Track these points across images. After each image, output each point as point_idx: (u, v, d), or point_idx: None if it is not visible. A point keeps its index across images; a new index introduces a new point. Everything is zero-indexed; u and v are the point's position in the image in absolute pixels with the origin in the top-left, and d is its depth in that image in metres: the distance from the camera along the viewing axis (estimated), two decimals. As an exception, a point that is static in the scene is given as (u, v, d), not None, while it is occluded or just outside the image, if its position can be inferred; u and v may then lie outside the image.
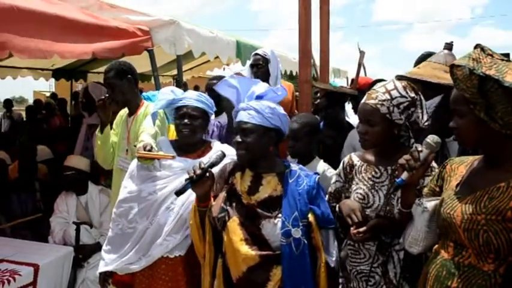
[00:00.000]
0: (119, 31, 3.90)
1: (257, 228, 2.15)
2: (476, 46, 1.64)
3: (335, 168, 2.64)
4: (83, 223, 3.74)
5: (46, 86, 18.83)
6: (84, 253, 3.71)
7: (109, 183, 4.15)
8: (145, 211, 2.49)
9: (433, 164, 2.10)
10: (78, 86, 10.13)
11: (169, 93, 2.58)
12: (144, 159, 2.47)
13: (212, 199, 2.28)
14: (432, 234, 1.81)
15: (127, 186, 2.60)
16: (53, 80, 9.84)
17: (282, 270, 2.10)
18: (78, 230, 3.69)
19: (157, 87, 4.29)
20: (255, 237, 2.15)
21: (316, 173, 2.28)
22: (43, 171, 5.21)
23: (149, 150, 2.46)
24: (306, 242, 2.09)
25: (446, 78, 2.62)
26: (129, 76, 3.28)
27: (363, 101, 2.18)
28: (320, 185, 2.23)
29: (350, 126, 3.70)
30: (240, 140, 2.18)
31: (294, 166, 2.28)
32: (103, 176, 4.30)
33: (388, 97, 2.10)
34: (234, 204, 2.22)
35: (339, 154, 3.31)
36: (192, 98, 2.55)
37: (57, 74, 8.67)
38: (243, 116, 2.19)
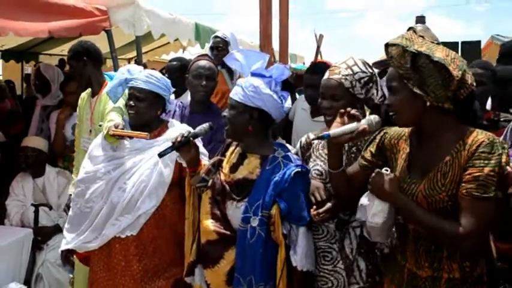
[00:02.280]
0: (75, 10, 3.82)
1: (224, 207, 2.21)
2: (409, 28, 1.79)
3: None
4: (41, 205, 3.70)
5: (-9, 69, 18.04)
6: (43, 235, 3.67)
7: (66, 165, 4.13)
8: (101, 191, 2.52)
9: None
10: (28, 68, 9.82)
11: (124, 72, 2.59)
12: (115, 137, 2.47)
13: (202, 165, 2.34)
14: (388, 207, 1.86)
15: (85, 167, 2.63)
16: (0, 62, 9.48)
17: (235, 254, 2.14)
18: (36, 212, 3.66)
19: (116, 68, 4.24)
20: (221, 215, 2.21)
21: (301, 165, 2.19)
22: (-5, 154, 5.07)
23: (121, 129, 2.47)
24: (262, 233, 2.08)
25: None
26: (85, 58, 3.26)
27: (325, 77, 2.24)
28: (299, 181, 2.14)
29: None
30: (224, 114, 2.26)
31: (280, 152, 2.21)
32: (60, 158, 4.25)
33: (351, 72, 2.18)
34: (215, 178, 2.27)
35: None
36: (140, 79, 2.53)
37: (7, 55, 8.36)
38: (232, 92, 2.22)
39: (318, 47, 4.26)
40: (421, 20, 2.98)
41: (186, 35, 5.26)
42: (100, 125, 3.04)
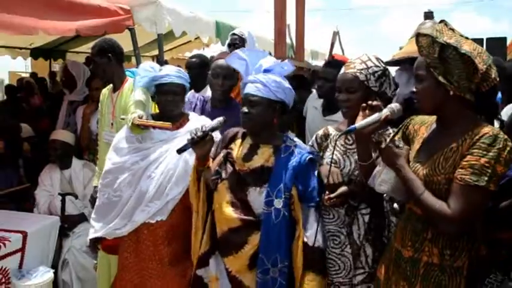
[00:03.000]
0: (100, 9, 3.99)
1: (244, 194, 2.34)
2: (441, 21, 1.88)
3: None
4: (68, 194, 3.89)
5: (22, 67, 18.55)
6: (69, 223, 3.86)
7: (92, 158, 4.32)
8: (129, 180, 2.67)
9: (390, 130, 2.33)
10: (55, 66, 10.11)
11: (149, 69, 2.74)
12: (139, 128, 2.63)
13: (210, 160, 2.46)
14: (395, 176, 1.96)
15: (111, 158, 2.78)
16: (29, 60, 9.75)
17: (260, 236, 2.27)
18: (63, 201, 3.84)
19: (139, 65, 4.41)
20: (241, 202, 2.34)
21: (310, 153, 2.38)
22: (25, 148, 5.32)
23: (146, 120, 2.65)
24: (286, 213, 2.25)
25: None
26: (110, 54, 3.40)
27: (341, 72, 2.37)
28: (312, 164, 2.34)
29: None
30: (246, 110, 2.33)
31: (291, 142, 2.39)
32: (86, 151, 4.44)
33: (365, 66, 2.31)
34: (227, 169, 2.41)
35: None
36: (173, 75, 2.71)
37: (36, 53, 8.64)
38: (250, 89, 2.33)
39: (332, 44, 4.36)
40: (429, 15, 3.04)
41: (207, 33, 5.39)
42: (122, 119, 3.20)
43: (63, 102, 4.95)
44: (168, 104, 2.71)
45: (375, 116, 1.98)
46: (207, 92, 3.62)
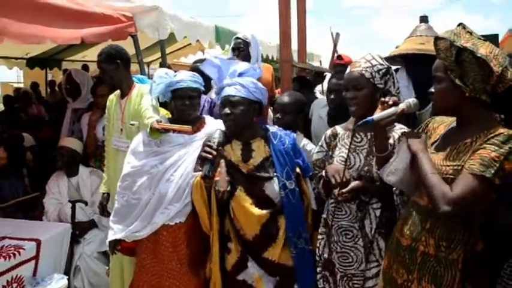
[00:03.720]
0: (104, 17, 4.02)
1: (261, 191, 2.49)
2: (459, 24, 1.94)
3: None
4: (78, 201, 3.91)
5: (14, 77, 18.51)
6: (80, 229, 3.89)
7: (98, 165, 4.33)
8: (148, 183, 2.72)
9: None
10: (49, 75, 10.12)
11: (164, 76, 2.78)
12: (158, 131, 2.68)
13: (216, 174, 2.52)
14: (410, 171, 2.03)
15: (130, 162, 2.82)
16: (21, 71, 9.74)
17: (284, 217, 2.48)
18: (74, 208, 3.86)
19: (142, 71, 4.45)
20: (261, 199, 2.49)
21: (293, 131, 2.69)
22: (28, 157, 5.33)
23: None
24: (297, 189, 2.49)
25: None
26: (118, 60, 3.41)
27: (347, 71, 2.45)
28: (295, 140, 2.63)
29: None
30: (228, 111, 2.48)
31: (272, 128, 2.65)
32: (92, 158, 4.46)
33: (370, 64, 2.40)
34: (234, 175, 2.51)
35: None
36: (189, 80, 2.77)
37: (32, 62, 8.66)
38: (230, 91, 2.49)
39: (335, 46, 4.41)
40: (424, 19, 3.15)
41: (207, 38, 5.44)
42: (132, 124, 3.24)
43: (67, 110, 4.95)
44: (185, 108, 2.76)
45: (392, 110, 2.06)
46: (213, 93, 3.67)
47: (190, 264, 2.73)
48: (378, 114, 2.05)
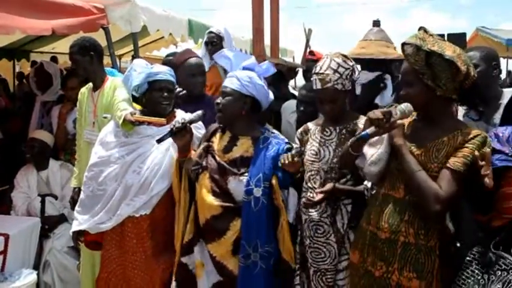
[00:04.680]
0: (75, 8, 3.94)
1: (224, 183, 2.47)
2: (420, 28, 2.03)
3: None
4: (48, 195, 3.86)
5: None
6: (50, 224, 3.83)
7: (68, 158, 4.27)
8: (115, 174, 2.71)
9: None
10: (16, 67, 9.87)
11: (145, 66, 2.77)
12: (132, 124, 2.67)
13: (192, 152, 2.59)
14: (386, 159, 2.10)
15: (97, 152, 2.81)
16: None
17: (241, 223, 2.42)
18: (43, 202, 3.81)
19: (114, 64, 4.40)
20: (221, 190, 2.47)
21: (287, 143, 2.56)
22: (-6, 151, 5.22)
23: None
24: (265, 201, 2.40)
25: (393, 53, 2.99)
26: (92, 53, 3.38)
27: (318, 87, 2.44)
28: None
29: (294, 96, 4.00)
30: (218, 101, 2.52)
31: (269, 133, 2.59)
32: (62, 151, 4.39)
33: (338, 75, 2.41)
34: (208, 160, 2.53)
35: None
36: (167, 73, 2.77)
37: (-1, 54, 8.42)
38: (226, 82, 2.53)
39: (307, 41, 4.45)
40: (376, 23, 3.25)
41: (180, 31, 5.40)
42: (105, 117, 3.21)
43: (36, 103, 4.86)
44: (163, 100, 2.74)
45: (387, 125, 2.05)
46: None
47: (156, 256, 2.73)
48: (372, 128, 2.01)
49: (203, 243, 2.54)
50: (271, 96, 2.65)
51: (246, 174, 2.45)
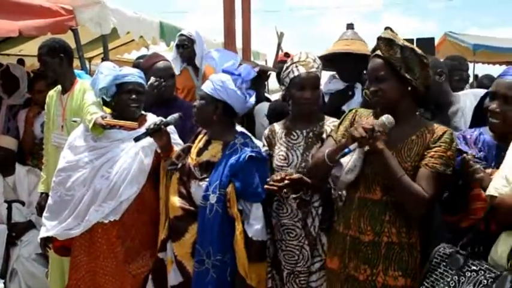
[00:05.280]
0: (42, 9, 3.88)
1: (189, 186, 2.49)
2: (387, 28, 2.11)
3: None
4: (15, 201, 3.76)
5: None
6: (17, 231, 3.74)
7: (35, 163, 4.17)
8: (83, 179, 2.66)
9: None
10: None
11: (113, 68, 2.72)
12: (103, 127, 2.62)
13: (174, 151, 2.61)
14: (361, 164, 2.11)
15: (66, 156, 2.75)
16: None
17: (197, 227, 2.42)
18: (9, 209, 3.71)
19: (83, 67, 4.33)
20: (187, 193, 2.49)
21: (254, 151, 2.45)
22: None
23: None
24: (219, 209, 2.36)
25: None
26: (62, 54, 3.30)
27: (302, 71, 2.46)
28: (254, 162, 2.42)
29: (268, 100, 4.08)
30: (194, 104, 2.56)
31: (239, 140, 2.51)
32: (29, 156, 4.29)
33: (316, 65, 2.51)
34: (184, 161, 2.54)
35: None
36: (136, 75, 2.73)
37: (-39, 56, 8.18)
38: (203, 85, 2.55)
39: (279, 45, 4.47)
40: (350, 26, 3.34)
41: (151, 34, 5.36)
42: (74, 121, 3.15)
43: (2, 106, 4.72)
44: (131, 102, 2.70)
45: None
46: None
47: (127, 262, 2.69)
48: (355, 144, 2.00)
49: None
50: (252, 101, 2.58)
51: (207, 179, 2.44)
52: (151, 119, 2.79)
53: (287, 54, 4.40)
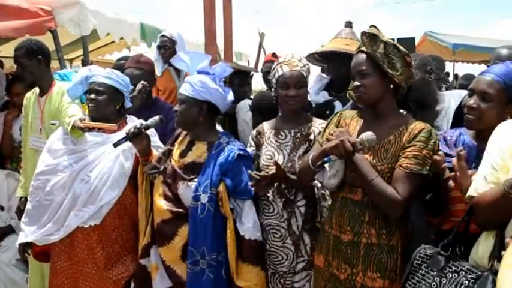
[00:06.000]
0: (20, 11, 3.83)
1: (175, 188, 2.45)
2: (371, 26, 2.11)
3: None
4: (-7, 206, 3.69)
5: None
6: (-4, 236, 3.66)
7: (14, 167, 4.11)
8: (62, 183, 2.61)
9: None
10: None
11: (86, 70, 2.69)
12: (82, 130, 2.58)
13: (153, 155, 2.56)
14: (343, 169, 2.11)
15: (44, 160, 2.70)
16: None
17: (188, 229, 2.39)
18: (-12, 214, 3.64)
19: (62, 68, 4.26)
20: (173, 195, 2.45)
21: (241, 149, 2.48)
22: None
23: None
24: (211, 208, 2.36)
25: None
26: (39, 56, 3.23)
27: (286, 70, 2.48)
28: (242, 160, 2.46)
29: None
30: (175, 108, 2.49)
31: (224, 139, 2.53)
32: (8, 160, 4.22)
33: (302, 64, 2.52)
34: (167, 164, 2.51)
35: None
36: (101, 74, 2.67)
37: None
38: (181, 88, 2.50)
39: (260, 45, 4.46)
40: (349, 24, 3.31)
41: (131, 35, 5.31)
42: (53, 124, 3.09)
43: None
44: (89, 102, 2.66)
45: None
46: None
47: (107, 267, 2.65)
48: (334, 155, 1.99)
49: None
50: (231, 96, 2.59)
51: (196, 180, 2.42)
52: (132, 121, 2.76)
53: (274, 55, 4.39)
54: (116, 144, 2.45)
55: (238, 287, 2.40)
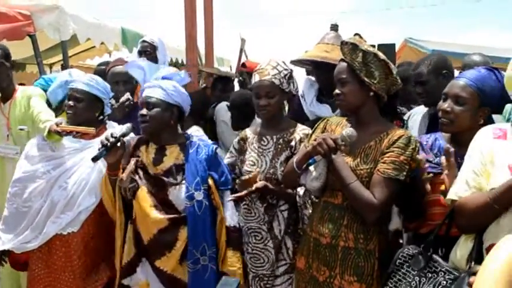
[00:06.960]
0: (-2, 14, 3.79)
1: (165, 195, 2.41)
2: (356, 34, 2.15)
3: None
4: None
5: None
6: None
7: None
8: (40, 190, 2.57)
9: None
10: None
11: (66, 75, 2.67)
12: (59, 134, 2.54)
13: (121, 169, 2.45)
14: (326, 172, 2.13)
15: (22, 167, 2.65)
16: None
17: (187, 230, 2.37)
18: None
19: (41, 73, 4.22)
20: (163, 203, 2.41)
21: (214, 143, 2.56)
22: None
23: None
24: (207, 203, 2.39)
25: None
26: (2, 60, 3.12)
27: (256, 79, 2.50)
28: (217, 153, 2.52)
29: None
30: (144, 113, 2.40)
31: (194, 138, 2.55)
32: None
33: (277, 71, 2.50)
34: (142, 175, 2.44)
35: None
36: (81, 81, 2.63)
37: None
38: (149, 92, 2.44)
39: (241, 51, 4.48)
40: (334, 27, 3.29)
41: (112, 40, 5.29)
42: (21, 129, 3.05)
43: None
44: (67, 109, 2.62)
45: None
46: None
47: (83, 275, 2.60)
48: (319, 156, 2.03)
49: (146, 262, 2.44)
50: (189, 100, 2.60)
51: (184, 181, 2.41)
52: (112, 127, 2.73)
53: (244, 65, 4.41)
54: (95, 159, 2.34)
55: (225, 273, 2.40)
